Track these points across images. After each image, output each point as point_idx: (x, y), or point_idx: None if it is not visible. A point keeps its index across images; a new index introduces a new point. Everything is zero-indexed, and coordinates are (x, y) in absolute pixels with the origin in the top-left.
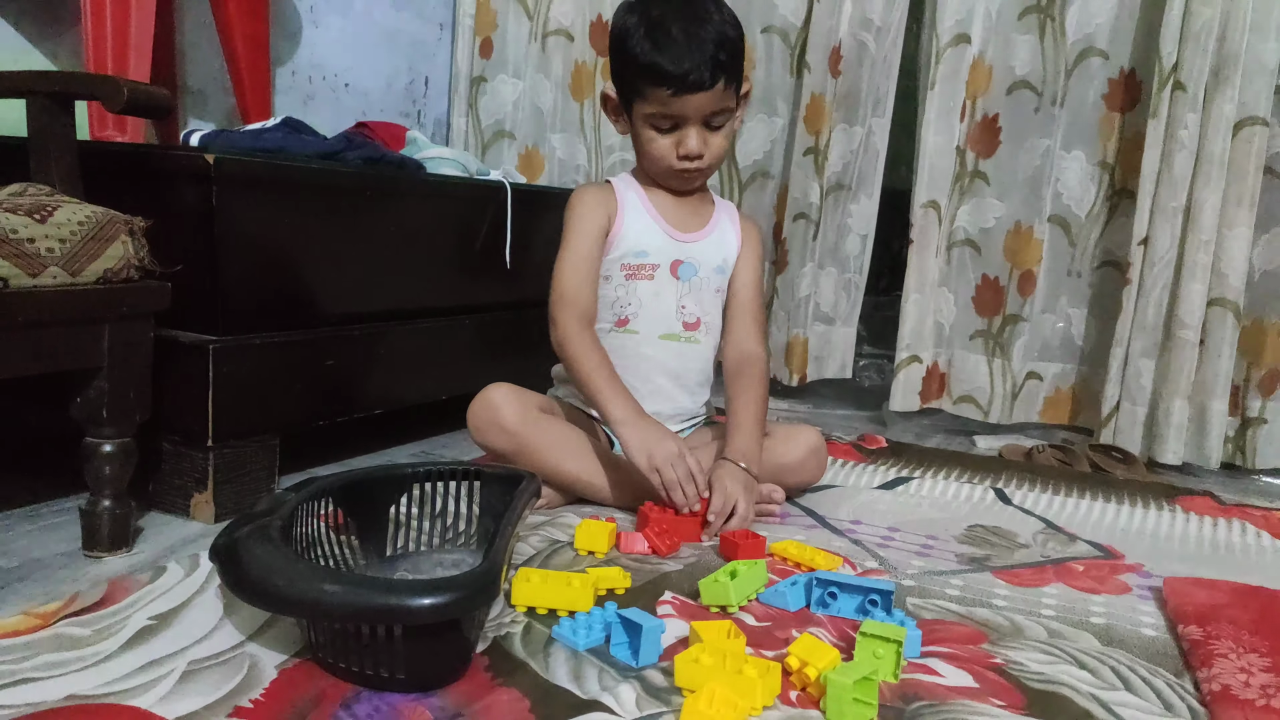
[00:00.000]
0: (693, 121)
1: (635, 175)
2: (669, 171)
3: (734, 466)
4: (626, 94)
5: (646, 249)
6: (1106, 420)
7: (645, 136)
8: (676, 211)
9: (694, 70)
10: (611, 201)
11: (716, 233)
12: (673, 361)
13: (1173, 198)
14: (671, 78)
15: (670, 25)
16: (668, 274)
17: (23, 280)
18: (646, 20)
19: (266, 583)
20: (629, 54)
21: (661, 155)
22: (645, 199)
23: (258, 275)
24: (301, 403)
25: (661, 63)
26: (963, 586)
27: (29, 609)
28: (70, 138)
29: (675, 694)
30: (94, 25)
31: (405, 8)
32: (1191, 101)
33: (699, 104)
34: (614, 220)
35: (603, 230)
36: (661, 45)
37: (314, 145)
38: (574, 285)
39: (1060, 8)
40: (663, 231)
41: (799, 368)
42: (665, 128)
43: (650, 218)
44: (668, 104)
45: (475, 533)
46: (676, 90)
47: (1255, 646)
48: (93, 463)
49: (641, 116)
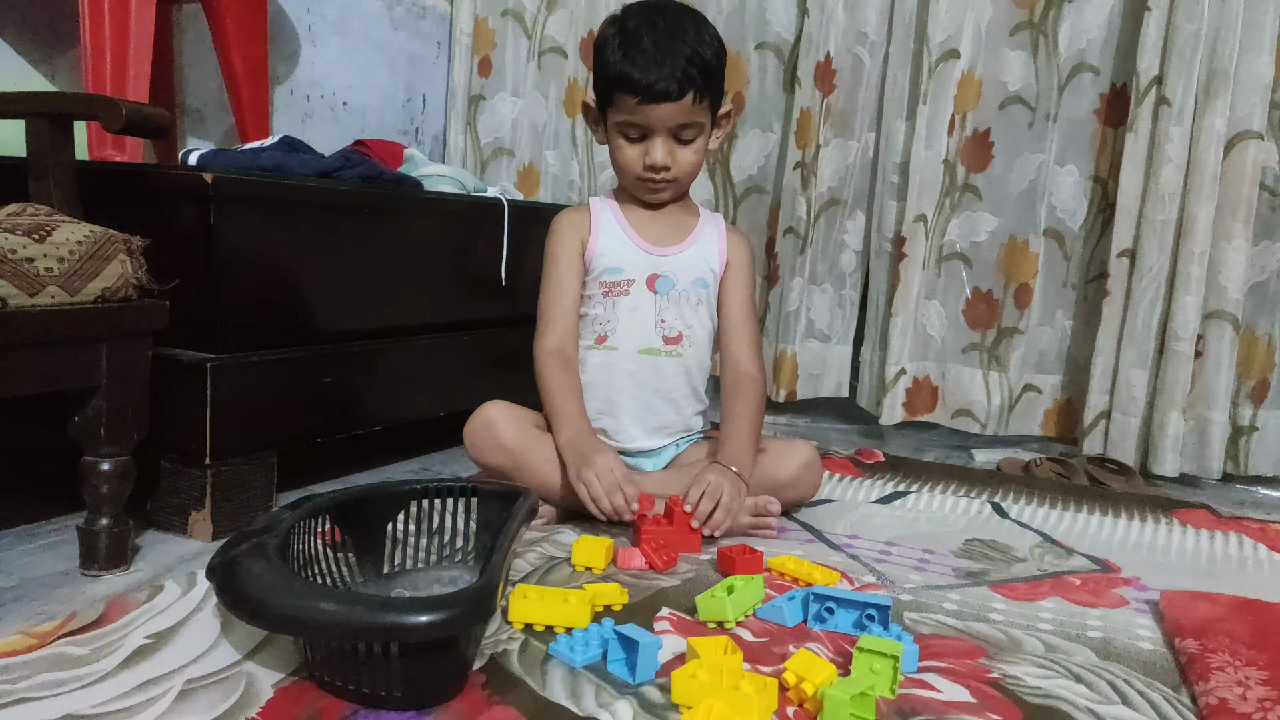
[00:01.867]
0: (659, 132)
1: (615, 193)
2: (635, 182)
3: (719, 466)
4: (602, 103)
5: (621, 265)
6: (1089, 430)
7: (615, 145)
8: (653, 226)
9: (661, 80)
10: (585, 223)
11: (697, 246)
12: (653, 376)
13: (1160, 211)
14: (639, 86)
15: (643, 37)
16: (644, 288)
17: (21, 299)
18: (623, 32)
19: (263, 601)
20: (604, 63)
21: (629, 164)
22: (620, 216)
23: (256, 293)
24: (299, 420)
25: (631, 71)
26: (960, 601)
27: (26, 628)
28: (69, 158)
29: (672, 710)
30: (92, 46)
31: (403, 27)
32: (1177, 116)
33: (665, 115)
34: (588, 241)
35: (578, 252)
36: (632, 55)
37: (312, 164)
38: (551, 311)
39: (1052, 24)
40: (636, 247)
41: (787, 384)
42: (633, 136)
43: (623, 233)
44: (635, 112)
45: (472, 549)
46: (643, 99)
47: (1252, 660)
48: (90, 481)
49: (613, 125)
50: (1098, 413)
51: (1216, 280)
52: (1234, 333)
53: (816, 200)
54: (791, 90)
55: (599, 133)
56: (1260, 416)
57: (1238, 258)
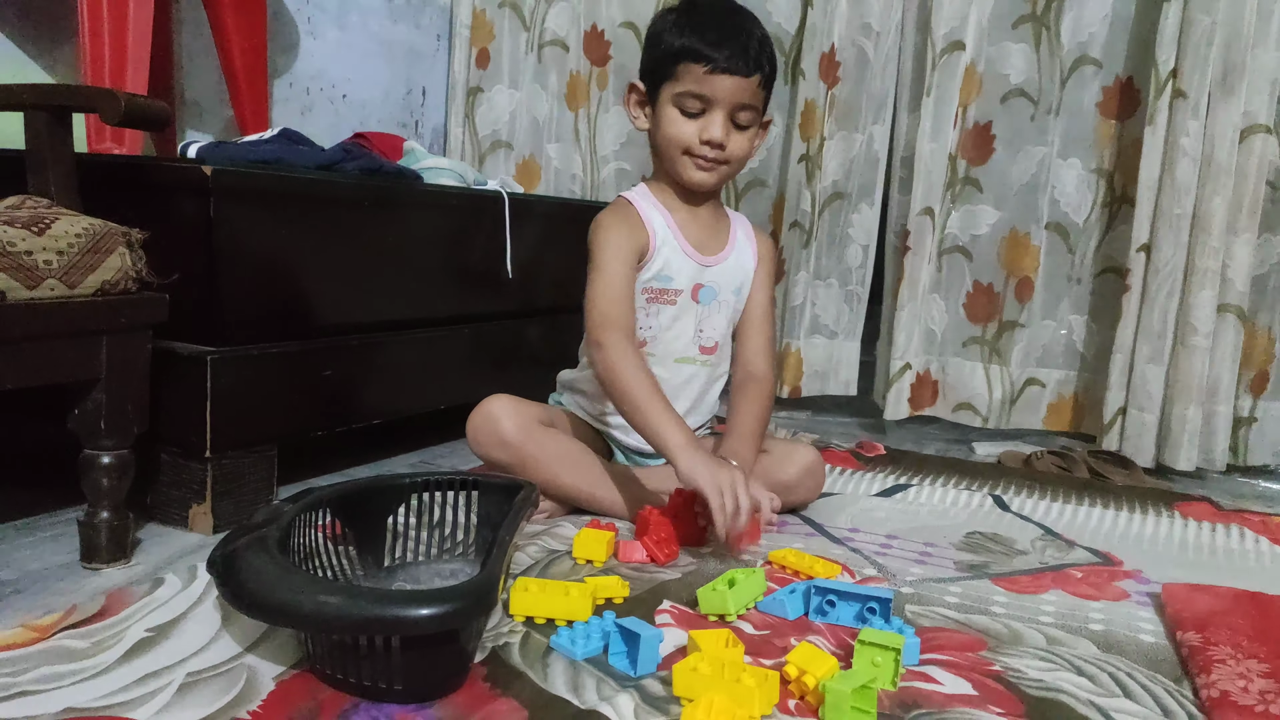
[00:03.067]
0: (721, 106)
1: (651, 190)
2: (683, 157)
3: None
4: (655, 81)
5: (673, 274)
6: (1109, 426)
7: (668, 119)
8: (697, 230)
9: (734, 54)
10: (639, 225)
11: (735, 253)
12: (684, 385)
13: (1176, 205)
14: (708, 56)
15: (713, 16)
16: (689, 299)
17: (21, 292)
18: (689, 12)
19: (264, 594)
20: (664, 39)
21: (683, 137)
22: (669, 220)
23: (255, 286)
24: (300, 413)
25: (700, 42)
26: (961, 594)
27: (27, 621)
28: (68, 150)
29: (673, 703)
30: (91, 38)
31: (402, 19)
32: (1193, 109)
33: (731, 88)
34: (646, 245)
35: (635, 254)
36: (702, 29)
37: (312, 156)
38: (615, 306)
39: (1055, 16)
40: (688, 256)
41: (792, 380)
42: (692, 111)
43: (676, 241)
44: (701, 82)
45: (473, 543)
46: (713, 68)
47: (1254, 652)
48: (91, 475)
49: (670, 98)
50: (1116, 409)
51: (1225, 274)
52: (1239, 325)
53: (821, 194)
54: (794, 82)
55: (640, 117)
56: (1260, 407)
57: (1245, 251)
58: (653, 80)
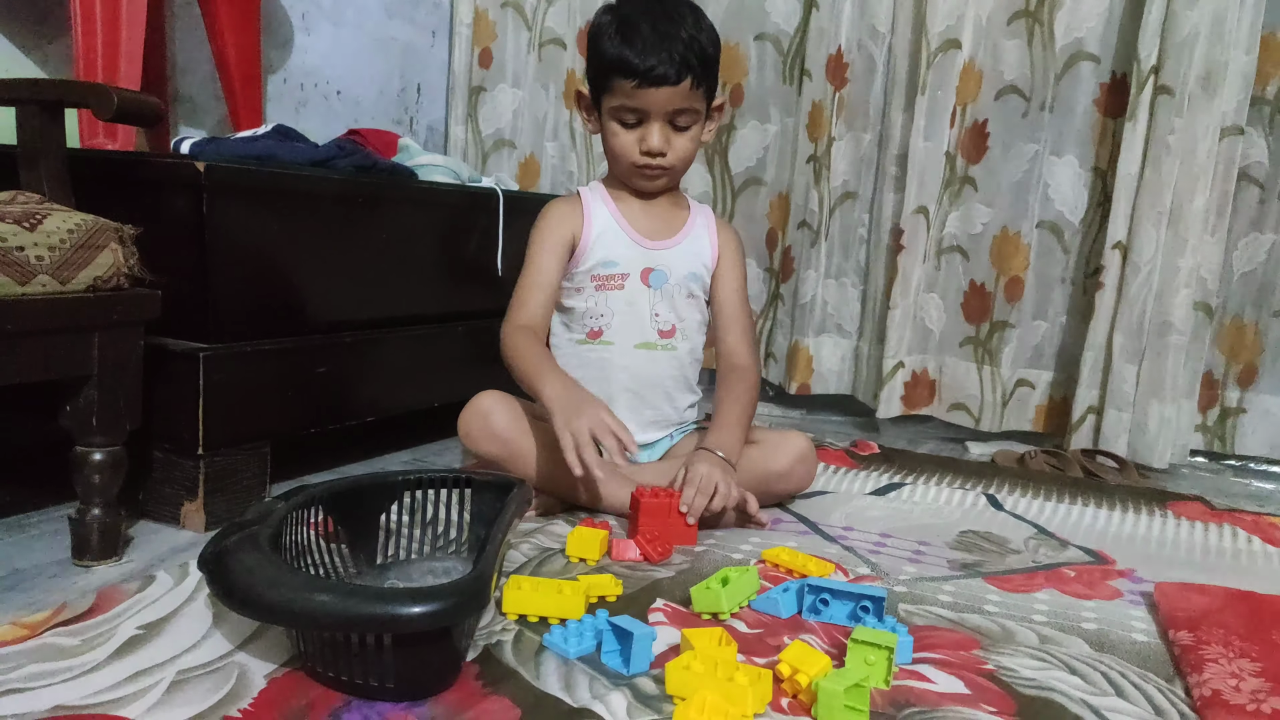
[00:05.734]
0: (656, 117)
1: (606, 183)
2: (631, 169)
3: (708, 453)
4: (597, 89)
5: (615, 259)
6: (1077, 425)
7: (610, 131)
8: (646, 219)
9: (660, 65)
10: (577, 214)
11: (689, 240)
12: (648, 370)
13: (1157, 203)
14: (637, 70)
15: (640, 23)
16: (639, 283)
17: (11, 288)
18: (619, 18)
19: (255, 592)
20: (600, 49)
21: (624, 150)
22: (613, 207)
23: (248, 283)
24: (292, 410)
25: (628, 55)
26: (954, 592)
27: (17, 618)
28: (60, 145)
29: (666, 702)
30: (84, 33)
31: (397, 15)
32: (1178, 106)
33: (663, 99)
34: (580, 233)
35: (566, 245)
36: (630, 40)
37: (305, 153)
38: (527, 301)
39: (1049, 11)
40: (631, 240)
41: (801, 377)
42: (630, 122)
43: (618, 226)
44: (632, 96)
45: (466, 540)
46: (641, 82)
47: (1246, 651)
48: (82, 471)
49: (608, 111)
50: (1086, 407)
51: (1199, 272)
52: (1208, 322)
53: (831, 194)
54: (798, 83)
55: (591, 122)
56: (1247, 399)
57: (1217, 250)
58: (594, 89)
